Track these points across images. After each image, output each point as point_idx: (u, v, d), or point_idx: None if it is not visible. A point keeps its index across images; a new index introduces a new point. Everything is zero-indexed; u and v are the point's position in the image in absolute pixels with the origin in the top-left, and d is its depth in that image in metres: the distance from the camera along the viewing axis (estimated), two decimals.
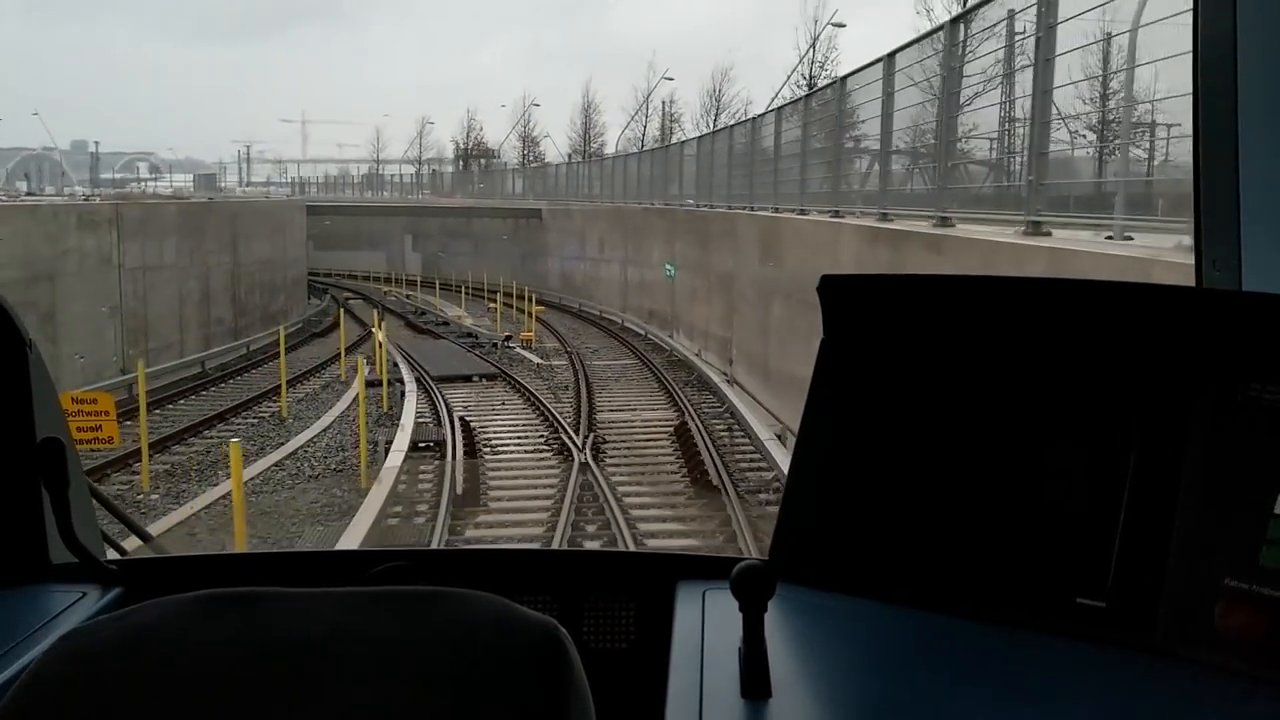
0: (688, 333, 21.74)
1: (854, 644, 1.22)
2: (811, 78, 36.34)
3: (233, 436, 12.43)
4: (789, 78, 35.99)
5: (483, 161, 59.93)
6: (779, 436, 12.63)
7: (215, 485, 12.18)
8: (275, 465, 13.05)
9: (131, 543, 1.93)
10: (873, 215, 11.90)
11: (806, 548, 1.37)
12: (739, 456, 12.75)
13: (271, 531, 10.57)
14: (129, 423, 13.69)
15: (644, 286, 26.37)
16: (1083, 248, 7.01)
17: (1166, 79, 6.66)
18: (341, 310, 28.51)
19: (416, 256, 45.43)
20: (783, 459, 10.97)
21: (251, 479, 11.87)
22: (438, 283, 37.02)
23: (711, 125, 42.92)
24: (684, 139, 35.25)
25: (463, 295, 33.43)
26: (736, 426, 14.21)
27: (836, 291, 1.41)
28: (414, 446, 13.03)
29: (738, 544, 9.21)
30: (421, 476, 11.91)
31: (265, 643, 0.77)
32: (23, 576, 1.40)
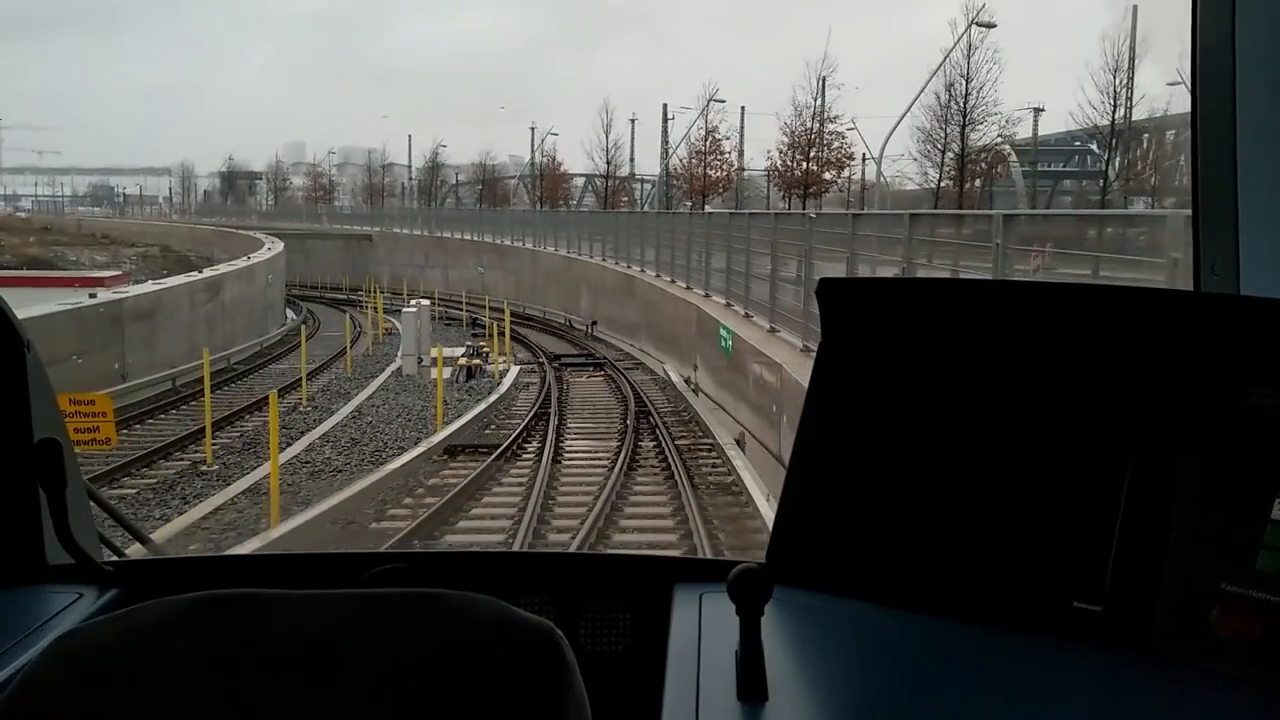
0: (493, 298, 44.32)
1: (851, 647, 1.21)
2: (533, 163, 62.92)
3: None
4: (529, 159, 62.72)
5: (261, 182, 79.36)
6: (522, 314, 38.81)
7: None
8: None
9: (129, 545, 1.92)
10: (564, 249, 38.52)
11: (803, 550, 1.36)
12: (529, 314, 39.02)
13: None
14: (231, 387, 19.66)
15: (462, 280, 44.69)
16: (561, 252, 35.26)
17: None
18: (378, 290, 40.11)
19: None
20: (530, 311, 38.94)
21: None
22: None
23: (482, 179, 68.47)
24: (487, 209, 60.41)
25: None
26: (524, 310, 39.38)
27: (835, 294, 1.39)
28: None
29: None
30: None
31: (263, 644, 0.77)
32: (19, 577, 1.38)
